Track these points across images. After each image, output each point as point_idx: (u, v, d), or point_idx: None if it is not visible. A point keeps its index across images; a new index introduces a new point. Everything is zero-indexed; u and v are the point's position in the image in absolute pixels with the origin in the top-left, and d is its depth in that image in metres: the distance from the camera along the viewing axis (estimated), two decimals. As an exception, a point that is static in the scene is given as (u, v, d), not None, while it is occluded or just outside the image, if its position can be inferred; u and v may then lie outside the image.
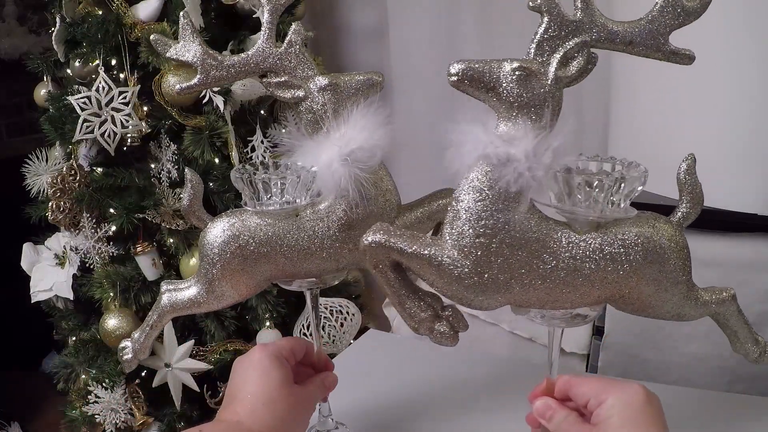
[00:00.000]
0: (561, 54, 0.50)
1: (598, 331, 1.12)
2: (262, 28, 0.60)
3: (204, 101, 1.26)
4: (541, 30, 0.51)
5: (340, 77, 0.60)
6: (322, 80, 0.60)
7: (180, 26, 0.60)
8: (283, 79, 0.60)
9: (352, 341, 1.31)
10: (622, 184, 0.51)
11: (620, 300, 0.55)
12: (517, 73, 0.50)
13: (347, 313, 1.33)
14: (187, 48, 0.59)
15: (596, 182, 0.51)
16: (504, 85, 0.50)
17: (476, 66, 0.50)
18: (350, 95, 0.60)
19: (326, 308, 1.32)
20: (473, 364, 0.92)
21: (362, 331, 1.21)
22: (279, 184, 0.60)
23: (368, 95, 0.61)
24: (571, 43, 0.50)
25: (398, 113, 1.87)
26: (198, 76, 0.59)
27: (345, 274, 0.67)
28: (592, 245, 0.52)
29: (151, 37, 0.60)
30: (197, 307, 0.62)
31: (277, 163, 0.62)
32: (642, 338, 1.05)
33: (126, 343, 0.65)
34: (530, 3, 0.51)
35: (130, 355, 0.64)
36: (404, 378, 0.88)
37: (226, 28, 1.31)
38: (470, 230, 0.51)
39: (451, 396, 0.83)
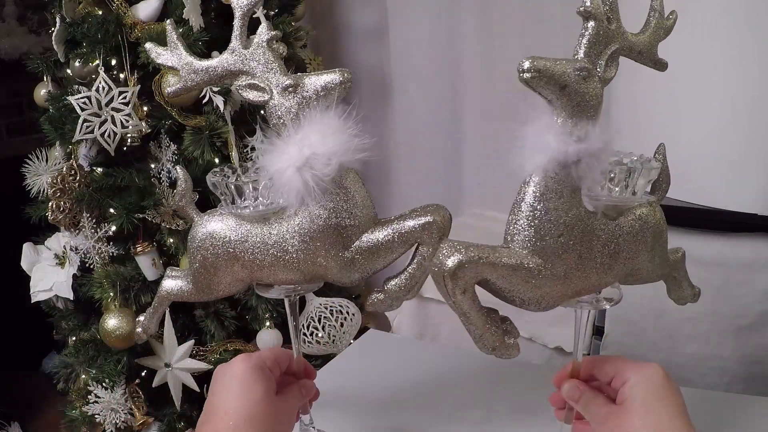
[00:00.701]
0: (606, 58, 0.54)
1: (598, 331, 1.12)
2: (233, 31, 0.60)
3: (204, 101, 1.26)
4: (589, 34, 0.54)
5: (304, 77, 0.58)
6: (284, 81, 0.58)
7: (167, 33, 0.61)
8: (250, 81, 0.59)
9: (352, 341, 1.31)
10: (642, 172, 0.56)
11: (633, 274, 0.60)
12: (582, 73, 0.52)
13: (347, 313, 1.33)
14: (173, 54, 0.61)
15: (623, 172, 0.56)
16: (572, 84, 0.52)
17: (549, 64, 0.52)
18: (314, 96, 0.58)
19: (326, 308, 1.32)
20: (473, 364, 0.92)
21: (362, 331, 1.21)
22: (258, 188, 0.60)
23: (336, 95, 0.58)
24: (612, 48, 0.55)
25: (398, 113, 1.87)
26: (181, 80, 0.61)
27: (322, 283, 0.65)
28: (625, 229, 0.57)
29: (146, 45, 0.61)
30: (186, 296, 0.65)
31: (257, 167, 0.61)
32: (642, 338, 1.05)
33: (141, 317, 0.70)
34: (580, 8, 0.53)
35: (139, 329, 0.69)
36: (404, 378, 0.88)
37: (226, 28, 1.31)
38: (552, 231, 0.53)
39: (451, 396, 0.83)
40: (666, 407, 0.53)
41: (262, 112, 1.32)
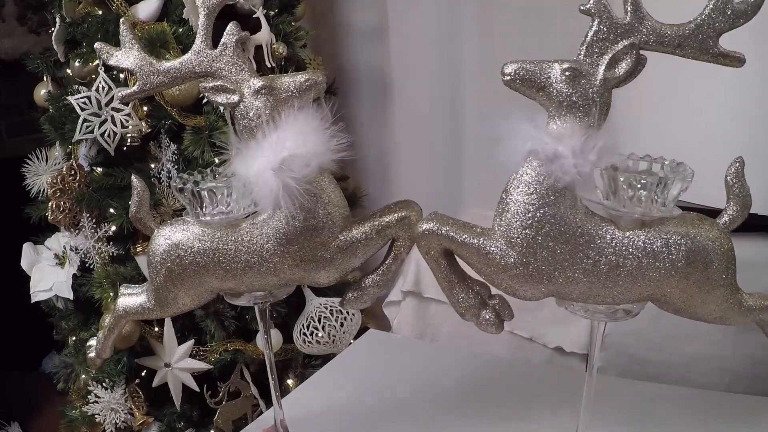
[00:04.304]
0: (610, 56, 0.52)
1: (598, 331, 1.12)
2: (198, 30, 0.58)
3: (204, 101, 1.26)
4: (591, 32, 0.53)
5: (277, 79, 0.58)
6: (256, 83, 0.57)
7: (120, 33, 0.60)
8: (217, 83, 0.58)
9: (352, 341, 1.31)
10: (666, 184, 0.53)
11: (662, 299, 0.56)
12: (566, 73, 0.52)
13: (347, 313, 1.33)
14: (127, 55, 0.59)
15: (640, 182, 0.53)
16: (554, 85, 0.52)
17: (528, 66, 0.53)
18: (287, 98, 0.57)
19: (326, 308, 1.32)
20: (473, 364, 0.92)
21: (362, 331, 1.21)
22: (222, 194, 0.59)
23: (310, 97, 0.58)
24: (619, 45, 0.52)
25: (398, 113, 1.87)
26: (138, 82, 0.59)
27: (293, 288, 0.64)
28: (635, 242, 0.53)
29: (96, 45, 0.60)
30: (147, 313, 0.63)
31: (220, 171, 0.60)
32: (642, 338, 1.05)
33: (92, 341, 0.67)
34: (581, 6, 0.53)
35: (92, 354, 0.66)
36: (404, 378, 0.88)
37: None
38: (518, 222, 0.54)
39: (451, 396, 0.83)
40: None
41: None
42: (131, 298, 0.64)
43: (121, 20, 0.60)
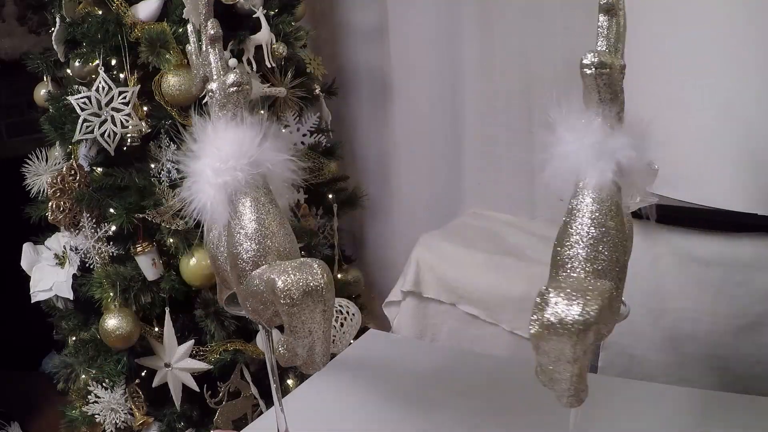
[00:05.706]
0: (621, 53, 0.50)
1: (598, 331, 1.11)
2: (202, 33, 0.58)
3: (204, 101, 1.26)
4: (615, 28, 0.49)
5: (216, 81, 0.55)
6: (212, 85, 0.56)
7: (188, 33, 0.64)
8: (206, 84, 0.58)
9: (352, 341, 1.31)
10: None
11: None
12: (623, 73, 0.47)
13: (347, 313, 1.33)
14: (191, 55, 0.63)
15: None
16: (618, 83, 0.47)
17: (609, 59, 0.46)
18: (224, 102, 0.54)
19: (326, 308, 1.32)
20: (473, 364, 0.92)
21: (362, 331, 1.21)
22: None
23: (238, 101, 0.54)
24: (622, 45, 0.51)
25: (398, 113, 1.87)
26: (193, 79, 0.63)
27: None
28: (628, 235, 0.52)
29: (188, 48, 0.64)
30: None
31: None
32: (641, 338, 1.05)
33: None
34: (603, 2, 0.49)
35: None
36: (404, 378, 0.88)
37: (226, 28, 1.30)
38: (605, 250, 0.46)
39: (451, 396, 0.83)
40: None
41: (261, 112, 1.33)
42: None
43: (188, 25, 0.65)
